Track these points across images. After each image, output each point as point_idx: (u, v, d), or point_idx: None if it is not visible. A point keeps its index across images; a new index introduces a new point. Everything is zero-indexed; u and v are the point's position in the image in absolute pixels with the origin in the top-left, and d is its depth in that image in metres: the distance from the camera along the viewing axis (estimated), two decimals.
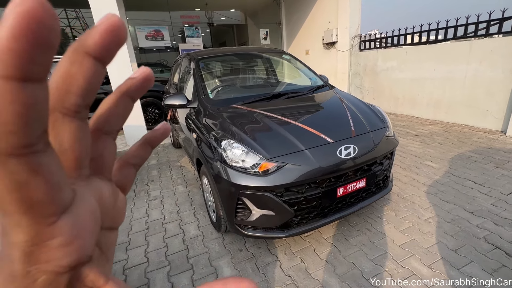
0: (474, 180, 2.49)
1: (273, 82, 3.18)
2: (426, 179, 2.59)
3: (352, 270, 1.61)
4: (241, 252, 1.83)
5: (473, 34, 3.79)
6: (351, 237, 1.90)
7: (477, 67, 3.76)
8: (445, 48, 4.14)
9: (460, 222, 1.95)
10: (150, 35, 7.59)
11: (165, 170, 3.33)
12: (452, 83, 4.10)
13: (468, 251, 1.68)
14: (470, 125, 3.99)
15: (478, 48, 3.71)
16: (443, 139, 3.57)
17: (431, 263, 1.62)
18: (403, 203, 2.25)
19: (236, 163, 1.60)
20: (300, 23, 7.43)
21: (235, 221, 1.67)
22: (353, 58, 5.89)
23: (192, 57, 2.77)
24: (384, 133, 1.92)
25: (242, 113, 2.04)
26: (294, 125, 1.83)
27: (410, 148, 3.37)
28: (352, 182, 1.69)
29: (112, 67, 3.97)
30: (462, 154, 3.05)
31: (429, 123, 4.35)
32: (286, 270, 1.66)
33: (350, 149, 1.68)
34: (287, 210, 1.56)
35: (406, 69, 4.78)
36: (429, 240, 1.81)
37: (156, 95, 5.23)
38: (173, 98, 2.33)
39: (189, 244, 1.95)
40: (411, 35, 4.68)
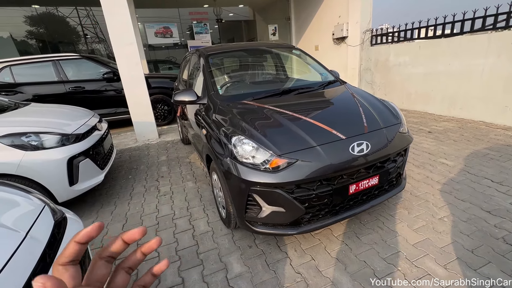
0: (491, 178, 2.40)
1: (283, 77, 3.14)
2: (440, 177, 2.52)
3: (364, 268, 1.59)
4: (251, 249, 1.83)
5: (492, 26, 3.64)
6: (362, 235, 1.86)
7: (495, 61, 3.61)
8: (461, 41, 3.99)
9: (477, 221, 1.89)
10: (159, 32, 7.64)
11: (175, 166, 3.36)
12: (468, 78, 3.95)
13: (485, 252, 1.62)
14: (487, 121, 3.85)
15: (497, 41, 3.55)
16: (458, 136, 3.46)
17: (446, 263, 1.57)
18: (416, 201, 2.19)
19: (246, 159, 1.59)
20: (310, 18, 7.31)
21: (245, 218, 1.67)
22: (364, 53, 5.76)
23: (201, 53, 2.76)
24: (398, 130, 1.87)
25: (252, 109, 2.02)
26: (305, 121, 1.80)
27: (423, 145, 3.28)
28: (364, 180, 1.65)
29: (122, 65, 4.01)
30: (479, 152, 2.95)
31: (443, 120, 4.22)
32: (297, 267, 1.65)
33: (362, 145, 1.64)
34: (297, 207, 1.54)
35: (420, 64, 4.65)
36: (444, 239, 1.75)
37: (165, 91, 5.27)
38: (182, 94, 2.33)
39: (199, 240, 1.96)
40: (425, 29, 4.52)
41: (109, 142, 2.98)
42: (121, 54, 3.97)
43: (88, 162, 2.37)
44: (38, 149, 2.15)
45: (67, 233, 1.06)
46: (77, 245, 0.24)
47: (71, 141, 2.30)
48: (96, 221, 2.30)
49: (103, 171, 2.58)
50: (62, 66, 4.75)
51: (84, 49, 12.16)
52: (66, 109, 3.03)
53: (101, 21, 10.84)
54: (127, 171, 3.35)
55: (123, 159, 3.77)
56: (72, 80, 4.80)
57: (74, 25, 11.90)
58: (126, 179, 3.12)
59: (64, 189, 2.22)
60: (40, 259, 0.84)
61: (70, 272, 0.24)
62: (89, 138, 2.48)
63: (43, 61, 4.70)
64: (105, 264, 0.27)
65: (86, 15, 11.99)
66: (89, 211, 2.49)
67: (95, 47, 12.77)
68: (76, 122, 2.55)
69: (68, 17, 11.43)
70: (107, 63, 5.27)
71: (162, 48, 10.80)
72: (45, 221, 1.03)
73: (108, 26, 3.78)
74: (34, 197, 1.18)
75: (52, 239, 0.97)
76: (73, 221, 1.18)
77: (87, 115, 2.84)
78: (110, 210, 2.47)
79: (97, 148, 2.56)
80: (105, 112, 4.93)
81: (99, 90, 4.95)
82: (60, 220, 1.11)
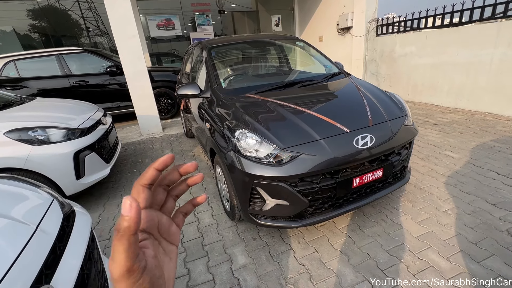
0: (497, 171, 2.38)
1: (286, 70, 3.11)
2: (445, 169, 2.50)
3: (367, 260, 1.60)
4: (255, 241, 1.86)
5: (502, 14, 3.52)
6: (366, 227, 1.88)
7: (505, 51, 3.51)
8: (470, 31, 3.88)
9: (481, 214, 1.88)
10: (161, 24, 7.58)
11: (179, 160, 3.38)
12: (477, 68, 3.86)
13: (489, 244, 1.62)
14: (494, 113, 3.78)
15: (508, 30, 3.45)
16: (464, 128, 3.41)
17: (450, 255, 1.58)
18: (420, 194, 2.19)
19: (250, 153, 1.59)
20: (314, 8, 7.16)
21: (249, 210, 1.69)
22: (369, 43, 5.65)
23: (204, 46, 2.74)
24: (403, 122, 1.85)
25: (255, 102, 2.01)
26: (309, 114, 1.79)
27: (428, 138, 3.25)
28: (368, 173, 1.65)
29: (125, 59, 4.01)
30: (485, 144, 2.91)
31: (449, 111, 4.15)
32: (300, 259, 1.67)
33: (367, 138, 1.63)
34: (301, 200, 1.55)
35: (426, 54, 4.54)
36: (447, 232, 1.76)
37: (168, 85, 5.26)
38: (186, 88, 2.33)
39: (204, 232, 2.00)
40: (432, 18, 4.40)
41: (114, 136, 3.01)
42: (124, 47, 3.95)
43: (94, 156, 2.40)
44: (45, 143, 2.18)
45: (75, 226, 1.09)
46: (155, 171, 0.28)
47: (77, 135, 2.33)
48: (103, 214, 2.35)
49: (109, 164, 2.62)
50: (65, 60, 4.76)
51: (87, 43, 12.13)
52: (71, 104, 3.05)
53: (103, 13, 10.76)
54: (132, 164, 3.39)
55: (128, 153, 3.81)
56: (76, 74, 4.82)
57: (76, 19, 11.85)
58: (131, 173, 3.16)
59: (71, 183, 2.26)
60: (50, 252, 0.87)
61: (145, 193, 0.28)
62: (94, 132, 2.51)
63: (47, 55, 4.71)
64: (162, 191, 0.31)
65: (87, 7, 11.91)
66: (96, 204, 2.53)
67: (98, 40, 12.74)
68: (81, 116, 2.57)
69: (70, 10, 11.37)
70: (110, 56, 5.26)
71: (165, 40, 10.71)
72: (54, 214, 1.05)
73: (110, 18, 3.76)
74: (43, 191, 1.21)
75: (62, 232, 0.99)
76: (81, 214, 1.20)
77: (92, 109, 2.86)
78: (116, 203, 2.52)
79: (102, 142, 2.58)
80: (109, 106, 4.95)
81: (103, 84, 4.96)
82: (68, 213, 1.13)
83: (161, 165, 0.28)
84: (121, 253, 0.22)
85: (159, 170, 0.28)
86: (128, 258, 0.22)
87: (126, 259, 0.22)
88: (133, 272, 0.23)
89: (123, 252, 0.22)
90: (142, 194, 0.28)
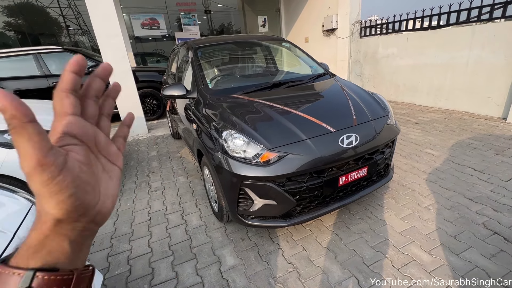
0: (473, 167, 2.50)
1: (273, 70, 3.13)
2: (426, 166, 2.61)
3: (353, 257, 1.64)
4: (244, 241, 1.86)
5: (476, 18, 3.71)
6: (352, 225, 1.92)
7: (479, 53, 3.70)
8: (447, 33, 4.06)
9: (460, 208, 1.97)
10: (145, 23, 7.42)
11: (166, 161, 3.33)
12: (454, 69, 4.05)
13: (467, 237, 1.70)
14: (470, 112, 3.98)
15: (481, 33, 3.64)
16: (444, 127, 3.56)
17: (431, 249, 1.64)
18: (403, 190, 2.27)
19: (238, 153, 1.59)
20: (299, 10, 7.25)
21: (237, 211, 1.69)
22: (353, 45, 5.79)
23: (190, 46, 2.71)
24: (386, 122, 1.91)
25: (242, 103, 2.01)
26: (295, 114, 1.81)
27: (410, 136, 3.37)
28: (353, 171, 1.69)
29: (107, 58, 3.89)
30: (462, 141, 3.06)
31: (429, 111, 4.33)
32: (288, 258, 1.69)
33: (351, 138, 1.67)
34: (289, 200, 1.57)
35: (407, 55, 4.71)
36: (429, 226, 1.83)
37: (154, 85, 5.16)
38: (171, 88, 2.30)
39: (192, 234, 1.97)
40: (412, 21, 4.57)
41: None
42: (106, 46, 3.84)
43: None
44: None
45: None
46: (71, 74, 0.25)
47: None
48: None
49: None
50: (44, 60, 4.56)
51: (67, 42, 11.68)
52: (50, 105, 2.92)
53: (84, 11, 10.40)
54: None
55: None
56: (56, 74, 4.63)
57: (55, 16, 11.38)
58: None
59: None
60: None
61: (70, 99, 0.25)
62: None
63: (24, 54, 4.50)
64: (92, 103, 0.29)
65: (67, 5, 11.48)
66: None
67: (79, 39, 12.29)
68: None
69: (48, 7, 10.90)
70: (92, 56, 5.10)
71: (150, 40, 10.50)
72: (33, 220, 1.01)
73: (91, 16, 3.64)
74: (20, 197, 1.15)
75: None
76: None
77: None
78: None
79: None
80: None
81: None
82: None
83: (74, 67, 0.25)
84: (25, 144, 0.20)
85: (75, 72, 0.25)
86: (35, 148, 0.21)
87: (32, 149, 0.21)
88: (46, 166, 0.21)
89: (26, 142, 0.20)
90: (66, 100, 0.25)
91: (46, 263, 0.24)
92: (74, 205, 0.24)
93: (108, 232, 2.08)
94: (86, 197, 0.25)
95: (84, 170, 0.25)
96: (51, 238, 0.24)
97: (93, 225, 0.27)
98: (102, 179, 0.28)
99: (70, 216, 0.24)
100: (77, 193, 0.24)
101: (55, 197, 0.22)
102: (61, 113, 0.25)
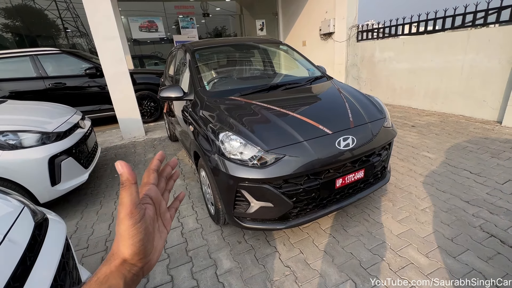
0: (470, 170, 2.51)
1: (270, 73, 3.13)
2: (423, 169, 2.61)
3: (351, 260, 1.63)
4: (240, 244, 1.84)
5: (471, 23, 3.76)
6: (349, 227, 1.91)
7: (474, 57, 3.74)
8: (442, 38, 4.11)
9: (456, 211, 1.97)
10: (143, 26, 7.43)
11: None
12: (449, 73, 4.09)
13: (464, 240, 1.70)
14: (466, 115, 4.01)
15: (476, 38, 3.69)
16: (440, 130, 3.59)
17: (428, 252, 1.64)
18: (400, 193, 2.27)
19: (234, 155, 1.58)
20: (297, 13, 7.31)
21: (233, 214, 1.67)
22: (351, 48, 5.83)
23: (187, 48, 2.71)
24: (383, 124, 1.91)
25: (239, 104, 2.01)
26: (292, 116, 1.81)
27: (407, 139, 3.38)
28: (350, 173, 1.69)
29: (105, 61, 3.88)
30: (459, 144, 3.07)
31: (426, 114, 4.36)
32: (285, 261, 1.67)
33: (348, 140, 1.67)
34: (286, 202, 1.56)
35: (403, 59, 4.76)
36: (426, 229, 1.83)
37: (151, 87, 5.15)
38: (169, 90, 2.29)
39: (188, 237, 1.95)
40: (408, 25, 4.63)
41: (93, 140, 2.89)
42: (104, 49, 3.83)
43: (70, 161, 2.29)
44: (17, 148, 2.05)
45: (48, 234, 1.03)
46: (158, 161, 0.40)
47: (52, 139, 2.22)
48: (81, 221, 2.25)
49: (87, 170, 2.51)
50: (41, 61, 4.54)
51: (65, 44, 11.65)
52: (47, 106, 2.90)
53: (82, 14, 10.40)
54: (113, 169, 3.27)
55: (108, 157, 3.67)
56: (53, 76, 4.60)
57: (53, 18, 11.36)
58: (112, 178, 3.05)
59: (45, 190, 2.14)
60: (19, 263, 0.81)
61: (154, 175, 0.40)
62: (71, 136, 2.40)
63: (20, 56, 4.48)
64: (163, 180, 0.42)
65: (66, 7, 11.47)
66: (73, 211, 2.42)
67: (77, 41, 12.27)
68: (57, 119, 2.46)
69: (46, 9, 10.90)
70: (90, 58, 5.08)
71: (148, 43, 10.50)
72: (24, 223, 0.99)
73: (89, 19, 3.64)
74: (12, 198, 1.13)
75: (33, 241, 0.93)
76: (55, 222, 1.14)
77: (69, 113, 2.74)
78: (95, 210, 2.41)
79: (80, 147, 2.48)
80: (89, 109, 4.77)
81: (82, 87, 4.77)
82: (41, 222, 1.06)
83: (160, 157, 0.41)
84: (126, 198, 0.30)
85: (159, 160, 0.40)
86: (131, 202, 0.30)
87: (129, 202, 0.30)
88: (134, 215, 0.30)
89: (128, 196, 0.30)
90: (152, 175, 0.39)
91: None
92: (140, 248, 0.31)
93: (102, 235, 2.05)
94: (148, 244, 0.33)
95: (151, 224, 0.35)
96: (114, 275, 0.31)
97: (141, 273, 0.34)
98: (156, 235, 0.37)
99: (133, 257, 0.31)
100: (144, 239, 0.32)
101: (131, 239, 0.31)
102: (147, 182, 0.38)
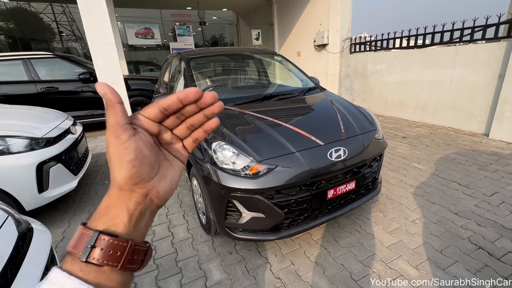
0: (458, 181, 2.56)
1: (264, 83, 3.17)
2: (413, 180, 2.65)
3: (342, 271, 1.63)
4: (231, 255, 1.82)
5: (459, 39, 3.91)
6: (340, 238, 1.91)
7: (462, 72, 3.87)
8: (432, 52, 4.25)
9: (446, 223, 2.00)
10: (140, 32, 7.45)
11: None
12: (439, 87, 4.21)
13: (453, 252, 1.72)
14: (455, 128, 4.12)
15: (463, 54, 3.82)
16: (430, 141, 3.66)
17: (418, 263, 1.65)
18: (391, 204, 2.29)
19: (227, 165, 1.58)
20: (292, 25, 7.47)
21: (225, 224, 1.66)
22: (344, 60, 5.97)
23: (182, 57, 2.73)
24: (374, 136, 1.95)
25: (233, 114, 2.02)
26: (285, 127, 1.83)
27: (398, 150, 3.44)
28: (342, 184, 1.70)
29: (99, 66, 3.87)
30: (448, 156, 3.14)
31: (416, 126, 4.45)
32: (276, 272, 1.65)
33: (340, 151, 1.69)
34: (277, 213, 1.56)
35: (395, 72, 4.89)
36: (416, 241, 1.84)
37: (146, 94, 5.14)
38: (163, 98, 2.28)
39: (178, 247, 1.92)
40: (399, 39, 4.78)
41: (83, 146, 2.85)
42: (99, 54, 3.83)
43: (60, 168, 2.24)
44: (4, 154, 2.00)
45: (32, 245, 1.00)
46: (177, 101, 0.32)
47: (41, 145, 2.17)
48: (68, 230, 2.18)
49: (77, 176, 2.46)
50: (33, 65, 4.49)
51: (59, 48, 11.58)
52: (37, 111, 2.86)
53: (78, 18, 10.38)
54: (104, 176, 3.21)
55: (99, 164, 3.61)
56: (45, 80, 4.55)
57: (48, 22, 11.31)
58: (102, 185, 2.99)
59: (32, 197, 2.08)
60: (0, 276, 0.78)
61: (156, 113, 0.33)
62: (62, 142, 2.36)
63: (12, 59, 4.42)
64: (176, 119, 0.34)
65: (61, 11, 11.45)
66: (61, 219, 2.35)
67: (71, 45, 12.20)
68: (47, 125, 2.41)
69: (41, 13, 10.85)
70: (84, 63, 5.05)
71: (144, 49, 10.54)
72: (7, 233, 0.96)
73: (85, 24, 3.64)
74: None
75: (15, 253, 0.90)
76: (39, 232, 1.11)
77: (60, 118, 2.70)
78: (83, 218, 2.35)
79: (71, 153, 2.43)
80: (82, 114, 4.71)
81: (75, 91, 4.72)
82: (25, 232, 1.04)
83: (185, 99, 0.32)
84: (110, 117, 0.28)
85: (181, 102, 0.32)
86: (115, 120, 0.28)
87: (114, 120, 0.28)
88: (118, 133, 0.28)
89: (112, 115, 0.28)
90: (153, 110, 0.32)
91: (108, 228, 0.29)
92: (132, 171, 0.29)
93: None
94: (142, 167, 0.30)
95: (147, 147, 0.31)
96: (114, 204, 0.30)
97: (149, 202, 0.31)
98: (164, 163, 0.34)
99: (127, 181, 0.29)
100: (135, 160, 0.29)
101: (119, 160, 0.28)
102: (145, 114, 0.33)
